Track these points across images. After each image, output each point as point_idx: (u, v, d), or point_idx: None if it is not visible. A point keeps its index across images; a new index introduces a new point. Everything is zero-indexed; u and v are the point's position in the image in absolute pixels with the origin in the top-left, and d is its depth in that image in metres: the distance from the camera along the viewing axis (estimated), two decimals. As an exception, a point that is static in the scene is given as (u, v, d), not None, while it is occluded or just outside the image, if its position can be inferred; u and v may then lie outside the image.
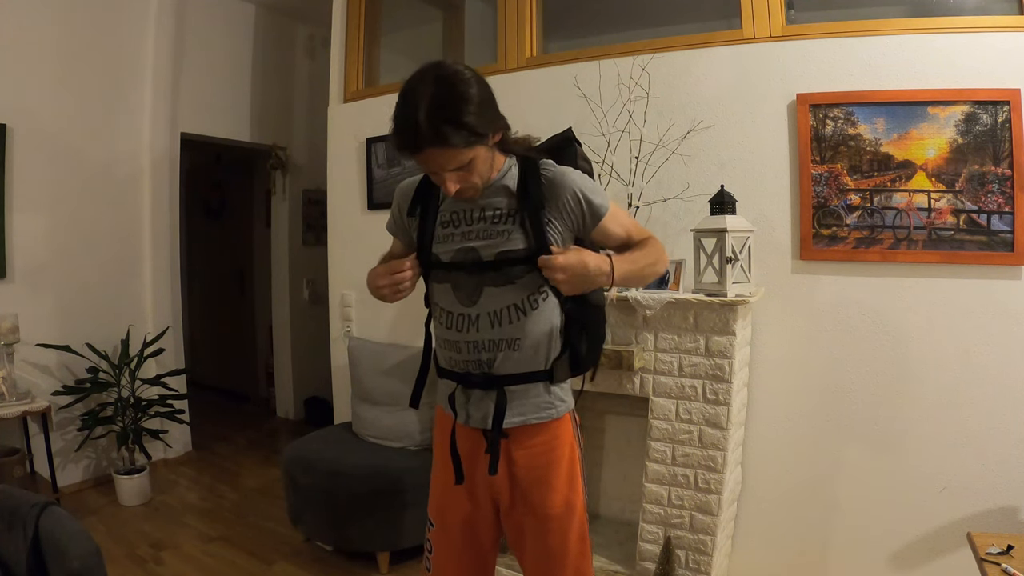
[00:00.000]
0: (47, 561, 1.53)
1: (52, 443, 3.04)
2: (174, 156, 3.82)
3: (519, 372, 1.32)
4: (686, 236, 2.21)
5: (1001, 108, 1.93)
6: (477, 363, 1.32)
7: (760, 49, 2.22)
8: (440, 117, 1.11)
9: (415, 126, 1.11)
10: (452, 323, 1.33)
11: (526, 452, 1.35)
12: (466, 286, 1.31)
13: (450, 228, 1.33)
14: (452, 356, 1.36)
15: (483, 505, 1.40)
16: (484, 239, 1.29)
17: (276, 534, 2.91)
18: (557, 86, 2.51)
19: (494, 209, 1.30)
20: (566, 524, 1.37)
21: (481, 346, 1.31)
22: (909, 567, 2.11)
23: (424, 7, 3.80)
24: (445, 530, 1.42)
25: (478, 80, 1.17)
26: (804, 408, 2.22)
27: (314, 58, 4.64)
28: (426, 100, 1.11)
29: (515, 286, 1.29)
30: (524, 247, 1.28)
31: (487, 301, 1.30)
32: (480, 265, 1.29)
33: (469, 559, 1.43)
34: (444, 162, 1.16)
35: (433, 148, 1.13)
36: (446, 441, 1.39)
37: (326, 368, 3.48)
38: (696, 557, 2.10)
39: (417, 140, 1.12)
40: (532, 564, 1.40)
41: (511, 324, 1.30)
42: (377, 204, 3.11)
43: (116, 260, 3.59)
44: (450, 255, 1.32)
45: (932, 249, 2.03)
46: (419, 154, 1.15)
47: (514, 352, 1.31)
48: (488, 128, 1.18)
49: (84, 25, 3.36)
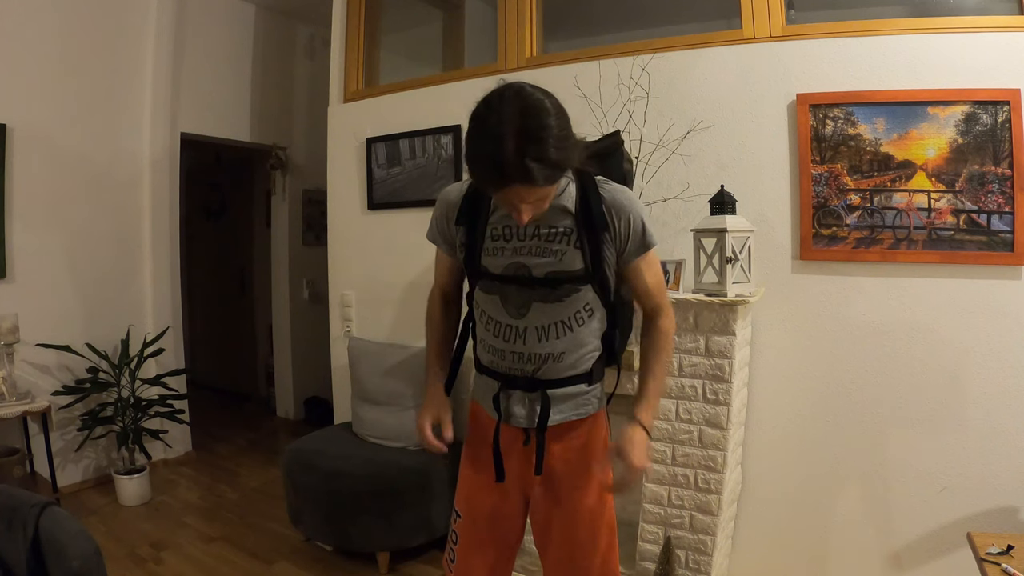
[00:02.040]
0: (47, 561, 1.53)
1: (52, 443, 3.04)
2: (174, 156, 3.82)
3: (563, 377, 1.34)
4: (686, 236, 2.21)
5: (1001, 108, 1.93)
6: (521, 370, 1.34)
7: (760, 49, 2.22)
8: (528, 155, 1.06)
9: (502, 163, 1.06)
10: (500, 332, 1.34)
11: (563, 445, 1.37)
12: (515, 300, 1.31)
13: (500, 241, 1.31)
14: (495, 360, 1.37)
15: (513, 498, 1.42)
16: (537, 256, 1.28)
17: (276, 534, 2.91)
18: (557, 86, 2.46)
19: (550, 227, 1.27)
20: (597, 517, 1.39)
21: (527, 358, 1.33)
22: (909, 567, 2.11)
23: (424, 7, 3.80)
24: (473, 522, 1.45)
25: (558, 110, 1.13)
26: (804, 408, 2.22)
27: (314, 58, 4.64)
28: (512, 136, 1.05)
29: (563, 303, 1.30)
30: (580, 268, 1.27)
31: (535, 316, 1.31)
32: (532, 281, 1.29)
33: (493, 552, 1.45)
34: (526, 195, 1.14)
35: (518, 185, 1.10)
36: (483, 437, 1.41)
37: (326, 368, 3.48)
38: (696, 557, 2.10)
39: (503, 178, 1.09)
40: (557, 557, 1.42)
41: (558, 339, 1.32)
42: (377, 204, 3.11)
43: (116, 260, 3.59)
44: (500, 269, 1.31)
45: (932, 249, 2.03)
46: (501, 190, 1.13)
47: (557, 364, 1.33)
48: (571, 163, 1.16)
49: (84, 25, 3.36)
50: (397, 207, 3.04)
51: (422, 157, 2.95)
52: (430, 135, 2.90)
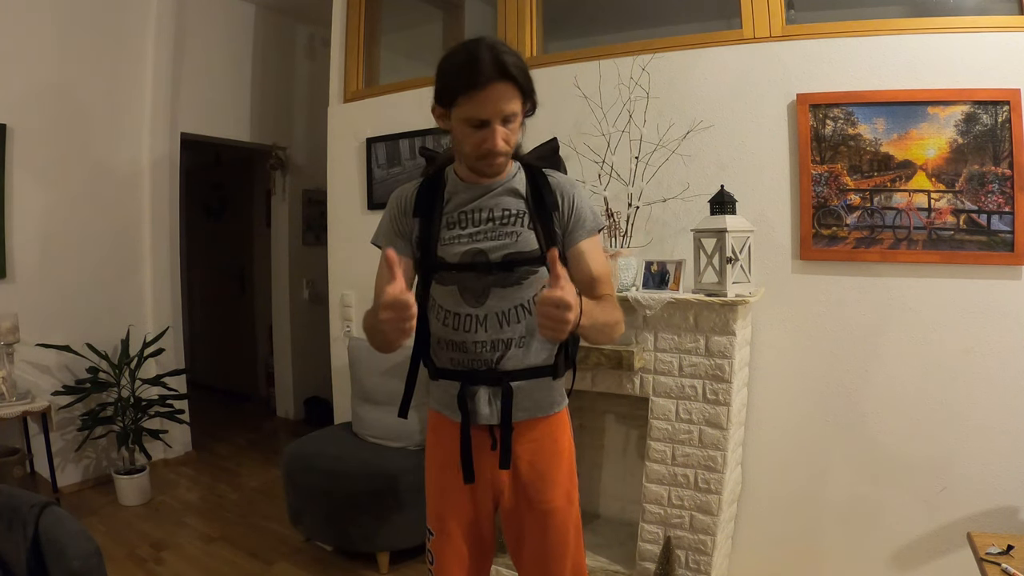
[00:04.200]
0: (47, 561, 1.53)
1: (52, 443, 3.04)
2: (174, 156, 3.82)
3: (525, 367, 1.33)
4: (686, 236, 2.21)
5: (1001, 108, 1.93)
6: (483, 361, 1.33)
7: (760, 49, 2.22)
8: (501, 54, 1.16)
9: (477, 60, 1.15)
10: (459, 324, 1.33)
11: (529, 446, 1.36)
12: (474, 288, 1.32)
13: (456, 229, 1.32)
14: (455, 356, 1.35)
15: (484, 505, 1.40)
16: (492, 240, 1.30)
17: (276, 534, 2.91)
18: (557, 86, 2.51)
19: (503, 209, 1.31)
20: (566, 518, 1.38)
21: (489, 346, 1.32)
22: (909, 567, 2.11)
23: (424, 7, 3.80)
24: (448, 537, 1.40)
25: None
26: (804, 408, 2.22)
27: (314, 58, 4.64)
28: (484, 46, 1.16)
29: (521, 287, 1.31)
30: (535, 248, 1.30)
31: (494, 302, 1.31)
32: (488, 266, 1.30)
33: (472, 562, 1.42)
34: (503, 103, 1.18)
35: (498, 82, 1.15)
36: (445, 444, 1.38)
37: (326, 368, 3.48)
38: (696, 557, 2.10)
39: (479, 74, 1.14)
40: (531, 562, 1.41)
41: (519, 323, 1.32)
42: (377, 204, 3.11)
43: (116, 260, 3.59)
44: (458, 257, 1.31)
45: (932, 249, 2.03)
46: (482, 90, 1.16)
47: (520, 350, 1.32)
48: (531, 84, 1.22)
49: (84, 25, 3.36)
50: (397, 207, 3.04)
51: (422, 157, 2.95)
52: (430, 135, 2.90)
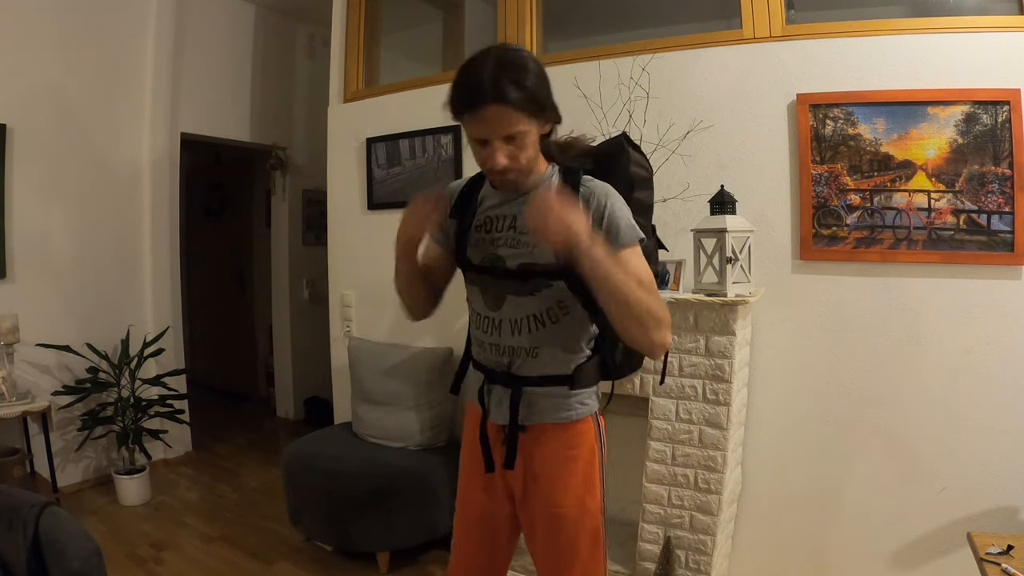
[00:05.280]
0: (47, 561, 1.53)
1: (52, 443, 3.03)
2: (174, 156, 3.82)
3: (538, 375, 1.33)
4: (686, 236, 2.21)
5: (1001, 108, 1.93)
6: (498, 363, 1.35)
7: (760, 49, 2.22)
8: (502, 76, 1.14)
9: (478, 83, 1.14)
10: (480, 324, 1.37)
11: (543, 448, 1.36)
12: (492, 291, 1.33)
13: (482, 233, 1.35)
14: (480, 353, 1.40)
15: (500, 498, 1.42)
16: (510, 247, 1.30)
17: (276, 534, 2.91)
18: (557, 86, 2.45)
19: (524, 219, 1.27)
20: (577, 525, 1.36)
21: (501, 350, 1.34)
22: (909, 567, 2.11)
23: (424, 7, 3.80)
24: (465, 520, 1.48)
25: (537, 61, 1.22)
26: (804, 408, 2.22)
27: (314, 58, 4.64)
28: (489, 64, 1.15)
29: (535, 298, 1.29)
30: (551, 261, 1.25)
31: (509, 309, 1.32)
32: (505, 272, 1.30)
33: (484, 552, 1.46)
34: (500, 125, 1.16)
35: (493, 105, 1.14)
36: (471, 431, 1.43)
37: (326, 368, 3.48)
38: (696, 557, 2.10)
39: (477, 96, 1.14)
40: (542, 560, 1.42)
41: (530, 333, 1.31)
42: (377, 204, 3.11)
43: (116, 260, 3.58)
44: (479, 260, 1.34)
45: (932, 249, 2.03)
46: (478, 113, 1.15)
47: (531, 359, 1.32)
48: (544, 100, 1.20)
49: (84, 25, 3.36)
50: (397, 207, 3.01)
51: (422, 157, 2.95)
52: (430, 135, 2.90)
